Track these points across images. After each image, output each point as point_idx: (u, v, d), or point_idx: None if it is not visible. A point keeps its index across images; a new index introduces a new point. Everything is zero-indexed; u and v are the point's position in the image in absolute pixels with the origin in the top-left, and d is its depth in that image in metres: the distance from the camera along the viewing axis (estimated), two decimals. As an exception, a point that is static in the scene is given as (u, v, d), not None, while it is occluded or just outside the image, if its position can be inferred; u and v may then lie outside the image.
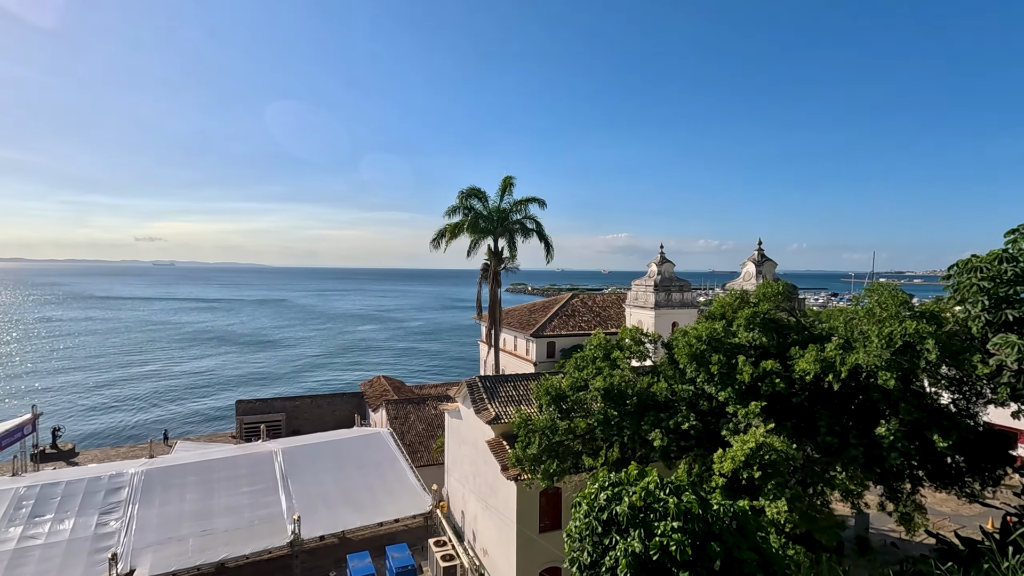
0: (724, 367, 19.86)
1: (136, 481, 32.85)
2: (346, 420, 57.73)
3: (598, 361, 22.15)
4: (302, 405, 59.30)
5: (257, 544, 29.40)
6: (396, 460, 38.21)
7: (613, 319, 57.61)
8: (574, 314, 57.14)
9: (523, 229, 44.16)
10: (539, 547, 25.03)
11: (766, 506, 16.95)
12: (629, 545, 11.72)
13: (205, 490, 33.13)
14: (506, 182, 43.94)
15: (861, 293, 24.85)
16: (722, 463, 17.62)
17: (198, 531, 29.78)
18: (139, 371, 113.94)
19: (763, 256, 41.06)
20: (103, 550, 27.43)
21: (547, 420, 21.00)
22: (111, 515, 30.22)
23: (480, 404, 28.90)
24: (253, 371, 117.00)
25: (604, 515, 12.57)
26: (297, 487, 34.09)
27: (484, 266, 44.02)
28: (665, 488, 12.94)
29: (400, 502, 34.17)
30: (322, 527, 31.20)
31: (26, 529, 28.62)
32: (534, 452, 20.46)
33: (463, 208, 43.05)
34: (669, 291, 45.19)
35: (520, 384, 31.12)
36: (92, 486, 32.23)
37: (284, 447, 38.48)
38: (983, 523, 32.34)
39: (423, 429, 46.14)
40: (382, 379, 59.48)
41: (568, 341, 53.20)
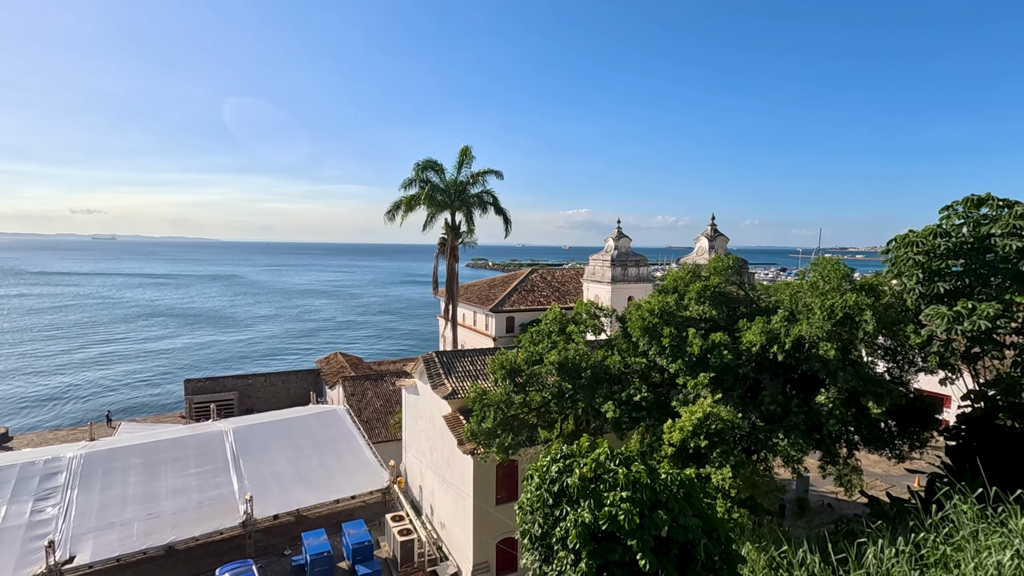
0: (675, 340, 20.24)
1: (75, 465, 31.32)
2: (302, 398, 56.65)
3: (553, 335, 22.21)
4: (255, 383, 57.79)
5: (207, 525, 28.66)
6: (352, 437, 37.78)
7: (572, 294, 58.05)
8: (533, 289, 57.26)
9: (481, 203, 43.57)
10: (495, 519, 25.34)
11: (712, 473, 17.53)
12: (579, 516, 11.87)
13: (150, 473, 31.95)
14: (464, 153, 43.06)
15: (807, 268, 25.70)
16: (671, 433, 18.07)
17: (143, 515, 28.77)
18: (80, 351, 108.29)
19: (716, 231, 41.94)
20: (39, 538, 26.12)
21: (502, 394, 21.02)
22: (47, 501, 28.78)
23: (437, 379, 28.71)
24: (204, 349, 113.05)
25: (555, 487, 12.68)
26: (249, 467, 33.29)
27: (441, 240, 43.38)
28: (615, 459, 13.12)
29: (357, 479, 33.90)
30: (276, 506, 30.68)
31: (-48, 519, 26.98)
32: (489, 426, 20.48)
33: (419, 181, 42.05)
34: (625, 266, 45.75)
35: (477, 359, 31.03)
36: (25, 471, 30.53)
37: (236, 426, 37.40)
38: (911, 483, 34.73)
39: (381, 405, 45.75)
40: (339, 356, 58.46)
41: (527, 316, 53.37)
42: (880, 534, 12.62)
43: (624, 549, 11.89)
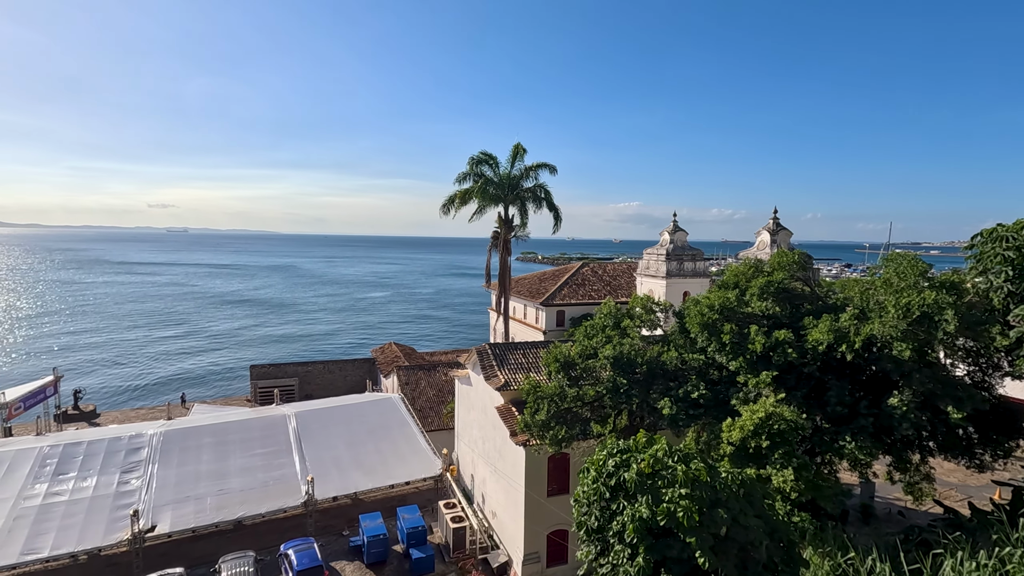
0: (736, 336, 19.69)
1: (155, 442, 33.75)
2: (357, 385, 58.65)
3: (608, 329, 22.06)
4: (314, 370, 60.22)
5: (272, 503, 30.28)
6: (407, 424, 38.86)
7: (623, 288, 57.32)
8: (584, 283, 56.91)
9: (534, 197, 43.62)
10: (547, 510, 25.52)
11: (773, 474, 17.02)
12: (637, 511, 11.84)
13: (221, 452, 33.98)
14: (517, 149, 43.21)
15: (877, 263, 24.35)
16: (731, 432, 17.64)
17: (215, 490, 30.68)
18: (157, 335, 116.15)
19: (778, 225, 40.32)
20: (125, 507, 28.38)
21: (556, 387, 21.09)
22: (132, 474, 31.17)
23: (490, 371, 29.09)
24: (266, 336, 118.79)
25: (612, 481, 12.69)
26: (310, 450, 34.85)
27: (494, 234, 43.73)
28: (673, 456, 12.99)
29: (411, 465, 34.88)
30: (335, 488, 32.01)
31: (51, 486, 29.64)
32: (542, 418, 20.61)
33: (473, 175, 42.51)
34: (681, 260, 44.71)
35: (529, 352, 31.22)
36: (113, 446, 33.17)
37: (297, 411, 39.22)
38: (991, 495, 32.42)
39: (433, 395, 46.76)
40: (393, 345, 60.07)
41: (578, 310, 53.14)
42: (959, 546, 11.92)
43: (682, 546, 11.78)
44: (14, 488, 29.17)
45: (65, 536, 26.64)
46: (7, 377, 75.70)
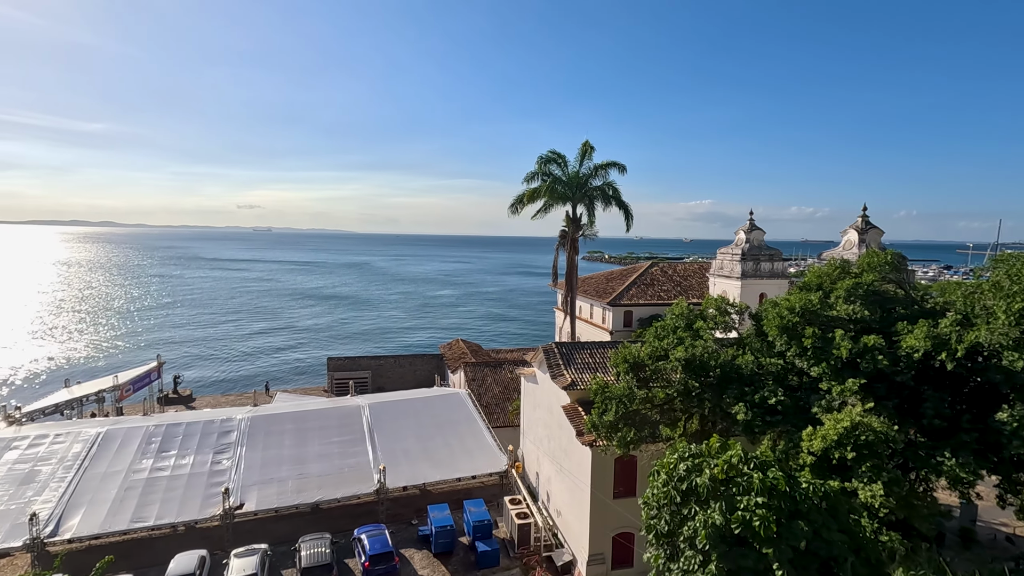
0: (819, 341, 18.61)
1: (243, 426, 36.34)
2: (426, 380, 60.35)
3: (679, 331, 21.49)
4: (386, 364, 62.57)
5: (347, 489, 31.80)
6: (474, 420, 39.59)
7: (695, 289, 55.51)
8: (653, 283, 55.61)
9: (603, 196, 43.11)
10: (613, 512, 25.23)
11: (859, 488, 15.97)
12: (709, 517, 11.52)
13: (301, 438, 36.07)
14: (585, 147, 42.88)
15: (984, 265, 22.23)
16: (812, 441, 16.72)
17: (295, 474, 32.61)
18: (246, 326, 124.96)
19: (868, 223, 37.64)
20: (217, 485, 30.78)
21: (624, 388, 20.80)
22: (223, 455, 33.74)
23: (556, 370, 29.10)
24: (342, 329, 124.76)
25: (683, 485, 12.41)
26: (382, 440, 36.28)
27: (562, 233, 43.62)
28: (749, 463, 12.52)
29: (477, 460, 35.51)
30: (404, 478, 33.16)
31: (155, 462, 32.65)
32: (610, 419, 20.40)
33: (542, 174, 42.58)
34: (758, 260, 42.72)
35: (596, 351, 30.94)
36: (207, 428, 36.05)
37: (371, 402, 40.94)
38: (1120, 525, 28.83)
39: (499, 392, 47.34)
40: (460, 342, 61.33)
41: (646, 310, 51.99)
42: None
43: (758, 556, 11.34)
44: (125, 462, 32.37)
45: (167, 508, 29.27)
46: (119, 362, 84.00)
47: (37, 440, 33.81)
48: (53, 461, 31.92)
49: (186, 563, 25.24)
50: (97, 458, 32.39)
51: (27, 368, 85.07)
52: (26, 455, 32.33)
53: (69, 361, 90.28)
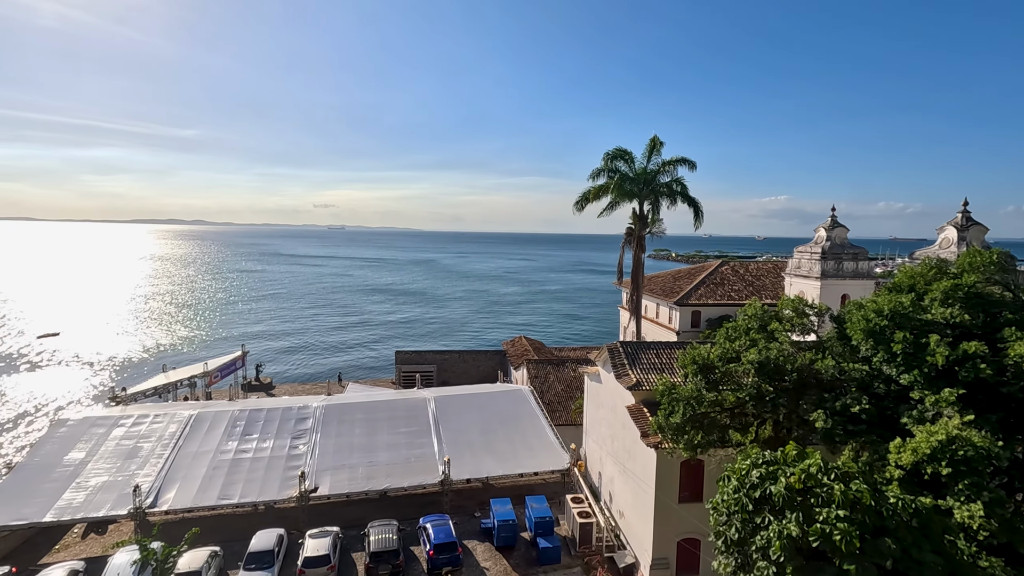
0: (910, 346, 17.25)
1: (318, 414, 38.31)
2: (489, 375, 61.14)
3: (752, 332, 20.57)
4: (451, 359, 63.92)
5: (413, 479, 32.83)
6: (536, 417, 39.74)
7: (768, 289, 52.95)
8: (723, 282, 53.55)
9: (670, 193, 41.94)
10: (678, 516, 24.59)
11: (955, 507, 14.67)
12: (785, 527, 11.00)
13: (370, 427, 37.56)
14: (653, 142, 41.84)
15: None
16: (901, 454, 15.54)
17: (365, 462, 34.02)
18: (321, 319, 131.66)
19: (969, 219, 34.42)
20: (294, 468, 32.66)
21: (693, 390, 20.18)
22: (300, 440, 35.72)
23: (621, 369, 28.67)
24: (409, 323, 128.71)
25: (756, 493, 11.92)
26: (447, 432, 37.15)
27: (628, 230, 42.82)
28: (829, 473, 11.85)
29: (539, 457, 35.63)
30: (468, 471, 33.79)
31: (239, 444, 35.05)
32: (677, 421, 19.86)
33: (608, 171, 41.97)
34: (840, 259, 40.11)
35: (663, 352, 30.21)
36: (285, 415, 38.28)
37: (436, 395, 42.01)
38: None
39: (562, 390, 47.23)
40: (523, 339, 61.67)
41: (715, 311, 50.18)
42: None
43: (838, 572, 10.72)
44: (213, 443, 34.97)
45: (249, 487, 31.36)
46: (208, 350, 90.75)
47: (139, 419, 37.16)
48: (153, 439, 35.00)
49: (266, 540, 26.93)
50: (189, 438, 35.19)
51: (131, 353, 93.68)
52: (130, 432, 35.63)
53: (166, 348, 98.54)
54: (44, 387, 73.52)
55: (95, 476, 31.42)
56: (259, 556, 25.88)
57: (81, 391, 72.38)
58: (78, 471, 31.76)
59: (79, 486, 30.55)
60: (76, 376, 79.75)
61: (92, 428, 35.80)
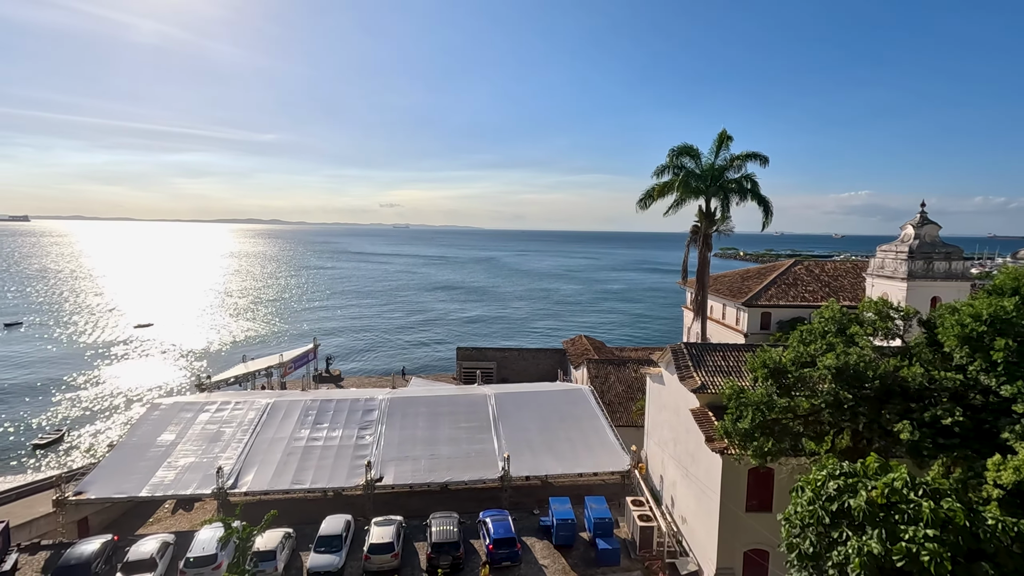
0: (1014, 355, 15.73)
1: (384, 406, 39.64)
2: (548, 374, 61.11)
3: (830, 336, 19.42)
4: (510, 356, 64.41)
5: (473, 473, 33.36)
6: (596, 417, 39.33)
7: (846, 290, 49.84)
8: (796, 283, 50.90)
9: (740, 189, 40.24)
10: (745, 525, 23.63)
11: (1067, 534, 13.27)
12: (865, 544, 10.34)
13: (432, 421, 38.46)
14: (722, 137, 40.30)
15: None
16: (1001, 472, 14.21)
17: (427, 454, 34.88)
18: (386, 314, 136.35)
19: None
20: (360, 458, 33.97)
21: (763, 395, 19.30)
22: (366, 431, 37.11)
23: (685, 371, 27.88)
24: (470, 320, 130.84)
25: (833, 506, 11.27)
26: (507, 429, 37.45)
27: (693, 228, 41.50)
28: (916, 489, 11.03)
29: (599, 457, 35.26)
30: (527, 468, 33.93)
31: (312, 432, 36.86)
32: (745, 427, 19.07)
33: (673, 167, 40.82)
34: (930, 259, 37.12)
35: (730, 354, 29.13)
36: (353, 406, 39.88)
37: (496, 392, 42.44)
38: None
39: (623, 390, 46.52)
40: (583, 338, 61.20)
41: (787, 312, 47.79)
42: None
43: (927, 597, 9.95)
44: (287, 430, 36.96)
45: (320, 474, 32.93)
46: (283, 342, 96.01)
47: (222, 406, 39.84)
48: (234, 424, 37.43)
49: (335, 524, 28.19)
50: (266, 425, 37.36)
51: (215, 344, 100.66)
52: (214, 417, 38.27)
53: (246, 339, 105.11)
54: (139, 373, 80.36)
55: (183, 457, 33.99)
56: (328, 540, 27.13)
57: (171, 377, 78.52)
58: (169, 452, 34.47)
59: (169, 465, 33.16)
60: (167, 363, 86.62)
61: (181, 412, 38.74)
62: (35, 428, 58.58)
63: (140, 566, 25.01)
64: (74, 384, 73.94)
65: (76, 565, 24.96)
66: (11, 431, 57.86)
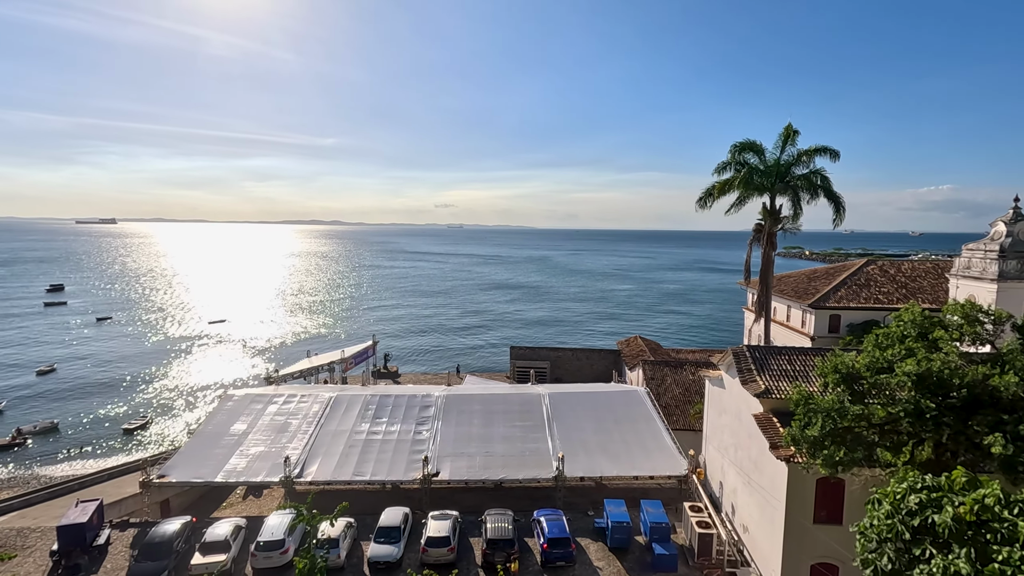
0: (1125, 364, 14.26)
1: (440, 403, 40.45)
2: (603, 375, 60.45)
3: (910, 340, 18.22)
4: (564, 356, 64.15)
5: (528, 472, 33.49)
6: (652, 419, 38.60)
7: (926, 292, 46.62)
8: (869, 284, 48.08)
9: (809, 186, 38.36)
10: (813, 538, 22.56)
11: None
12: (952, 564, 9.68)
13: (487, 419, 38.88)
14: (787, 132, 38.54)
15: None
16: (1110, 493, 12.91)
17: (482, 452, 35.30)
18: (440, 312, 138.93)
19: None
20: (418, 452, 34.80)
21: (834, 401, 18.34)
22: (423, 426, 37.98)
23: (747, 375, 26.90)
24: (523, 319, 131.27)
25: (915, 521, 10.61)
26: (561, 429, 37.37)
27: (756, 226, 39.92)
28: (1012, 507, 10.21)
29: (655, 460, 34.60)
30: (581, 469, 33.73)
31: (371, 426, 38.09)
32: (815, 434, 18.18)
33: (735, 164, 39.40)
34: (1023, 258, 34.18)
35: (796, 357, 27.87)
36: (411, 402, 40.90)
37: (550, 391, 42.42)
38: None
39: (679, 393, 45.41)
40: (639, 339, 60.16)
41: (858, 315, 45.26)
42: None
43: (1023, 624, 9.20)
44: (349, 423, 38.34)
45: (379, 467, 33.98)
46: (344, 339, 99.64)
47: (289, 398, 41.82)
48: (299, 416, 39.22)
49: (393, 516, 29.03)
50: (329, 418, 38.92)
51: (281, 339, 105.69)
52: (282, 409, 40.22)
53: (310, 335, 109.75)
54: (213, 365, 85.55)
55: (254, 446, 35.92)
56: (388, 531, 27.96)
57: (242, 370, 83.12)
58: (240, 441, 36.51)
59: (241, 454, 35.12)
60: (238, 357, 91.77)
61: (251, 404, 40.95)
62: (124, 414, 63.52)
63: (216, 547, 26.64)
64: (157, 374, 79.64)
65: (160, 543, 26.91)
66: (104, 416, 63.01)
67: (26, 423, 58.15)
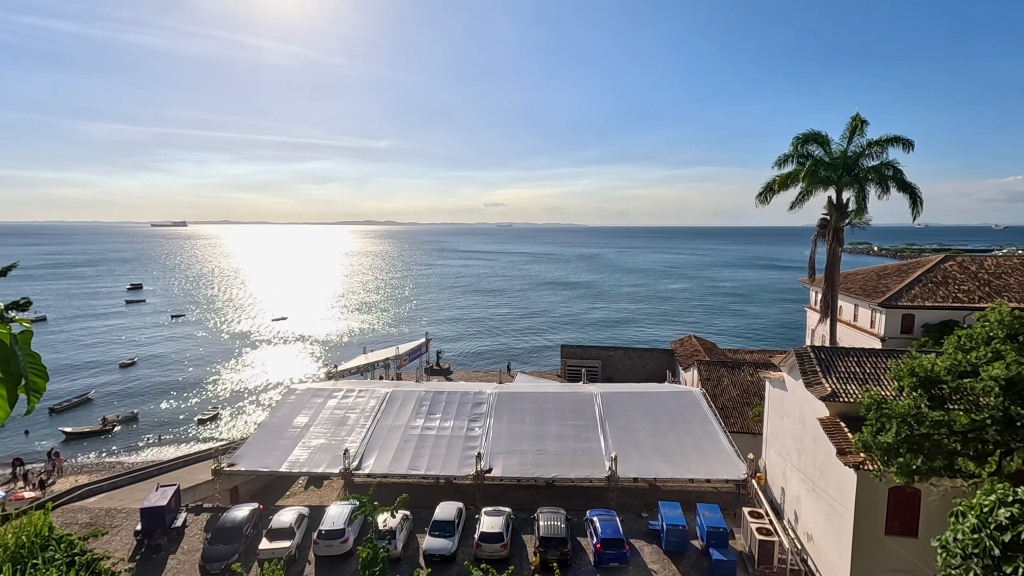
0: None
1: (492, 400, 40.84)
2: (655, 374, 59.30)
3: (996, 342, 16.92)
4: (616, 356, 63.33)
5: (580, 471, 33.32)
6: (708, 421, 37.58)
7: (1012, 290, 43.08)
8: (947, 281, 44.87)
9: (879, 178, 36.21)
10: (885, 549, 21.38)
11: None
12: (1049, 584, 8.95)
13: (539, 417, 38.94)
14: (855, 121, 36.49)
15: None
16: None
17: (534, 450, 35.39)
18: (491, 310, 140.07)
19: None
20: (471, 449, 35.29)
21: (911, 406, 17.28)
22: (476, 423, 38.47)
23: (812, 377, 25.76)
24: (573, 317, 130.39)
25: (1006, 536, 9.88)
26: (613, 429, 36.97)
27: (821, 221, 38.05)
28: (1120, 525, 9.33)
29: (711, 463, 33.69)
30: (635, 470, 33.26)
31: (426, 421, 38.92)
32: (889, 441, 17.19)
33: (798, 156, 37.69)
34: None
35: (865, 359, 26.46)
36: (463, 398, 41.50)
37: (603, 391, 42.01)
38: None
39: (737, 395, 43.98)
40: (693, 339, 58.63)
41: (935, 315, 42.31)
42: None
43: None
44: (404, 418, 39.33)
45: (433, 462, 34.68)
46: (399, 336, 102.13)
47: (347, 393, 43.30)
48: (357, 411, 40.54)
49: (448, 511, 29.58)
50: (385, 412, 40.04)
51: (340, 336, 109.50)
52: (341, 403, 41.71)
53: (366, 332, 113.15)
54: (277, 360, 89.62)
55: (315, 438, 37.42)
56: (442, 525, 28.53)
57: (303, 365, 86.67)
58: (303, 433, 38.13)
59: (304, 445, 36.67)
60: (299, 353, 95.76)
61: (313, 398, 42.67)
62: (197, 405, 67.60)
63: (281, 533, 27.97)
64: (225, 368, 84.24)
65: (231, 528, 28.51)
66: (179, 408, 67.29)
67: (111, 412, 62.86)
